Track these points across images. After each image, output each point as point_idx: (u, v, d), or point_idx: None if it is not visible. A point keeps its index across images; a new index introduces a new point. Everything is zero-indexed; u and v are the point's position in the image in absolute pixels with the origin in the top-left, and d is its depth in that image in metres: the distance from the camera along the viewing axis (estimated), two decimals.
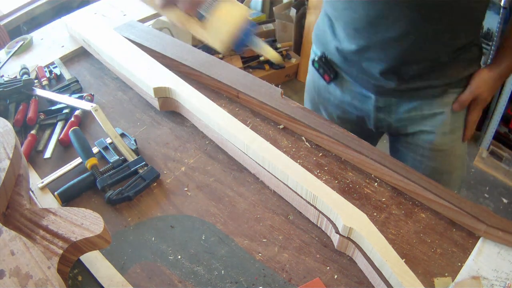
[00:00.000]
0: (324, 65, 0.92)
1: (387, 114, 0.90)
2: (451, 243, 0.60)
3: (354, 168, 0.71)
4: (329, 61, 0.92)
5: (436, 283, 0.55)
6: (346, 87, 0.93)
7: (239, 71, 0.89)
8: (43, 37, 1.07)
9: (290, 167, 0.63)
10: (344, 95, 0.94)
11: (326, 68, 0.92)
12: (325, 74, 0.93)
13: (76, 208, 0.53)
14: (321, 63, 0.93)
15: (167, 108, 0.83)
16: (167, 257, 0.59)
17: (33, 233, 0.51)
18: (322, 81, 0.96)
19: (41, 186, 0.68)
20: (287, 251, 0.60)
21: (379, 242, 0.54)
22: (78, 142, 0.71)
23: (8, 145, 0.57)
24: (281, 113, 0.78)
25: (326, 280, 0.56)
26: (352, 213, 0.57)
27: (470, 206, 0.61)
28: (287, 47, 2.66)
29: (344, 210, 0.57)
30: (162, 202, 0.67)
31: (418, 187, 0.64)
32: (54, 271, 0.46)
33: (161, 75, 0.82)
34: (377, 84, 0.86)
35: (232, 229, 0.63)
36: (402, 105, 0.87)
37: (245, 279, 0.56)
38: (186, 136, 0.78)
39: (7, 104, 0.84)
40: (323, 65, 0.92)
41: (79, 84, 0.89)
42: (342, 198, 0.59)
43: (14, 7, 1.83)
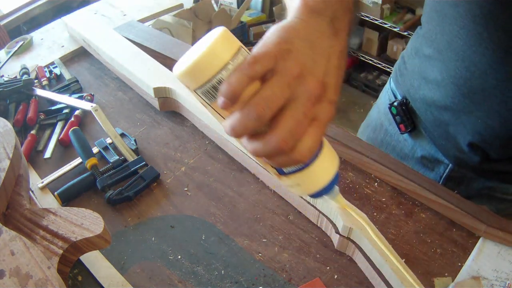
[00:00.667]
0: (403, 113, 0.75)
1: (456, 185, 0.74)
2: (451, 243, 0.60)
3: (354, 168, 0.71)
4: (410, 111, 0.74)
5: (436, 283, 0.55)
6: (420, 144, 0.77)
7: None
8: (43, 37, 1.07)
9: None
10: (415, 151, 0.78)
11: (405, 118, 0.75)
12: (402, 124, 0.76)
13: (76, 208, 0.53)
14: (400, 110, 0.75)
15: (167, 108, 0.83)
16: (167, 257, 0.59)
17: (33, 233, 0.51)
18: (394, 127, 0.79)
19: (41, 186, 0.68)
20: (287, 251, 0.60)
21: (379, 242, 0.54)
22: (78, 142, 0.71)
23: (8, 145, 0.57)
24: None
25: (326, 280, 0.56)
26: (352, 213, 0.57)
27: (470, 206, 0.61)
28: None
29: (344, 210, 0.57)
30: (162, 202, 0.67)
31: (418, 187, 0.64)
32: (54, 271, 0.46)
33: (161, 75, 0.82)
34: (457, 154, 0.71)
35: (232, 229, 0.63)
36: (477, 182, 0.73)
37: (245, 279, 0.56)
38: (186, 136, 0.78)
39: (7, 104, 0.84)
40: (403, 114, 0.75)
41: (79, 84, 0.89)
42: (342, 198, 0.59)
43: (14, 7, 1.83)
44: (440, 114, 0.69)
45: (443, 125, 0.70)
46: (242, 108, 0.36)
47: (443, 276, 0.56)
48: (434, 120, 0.71)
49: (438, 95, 0.67)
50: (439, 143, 0.74)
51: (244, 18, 2.76)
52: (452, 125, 0.68)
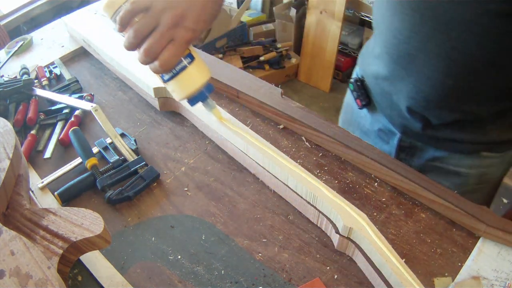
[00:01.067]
0: (359, 89, 0.85)
1: (409, 156, 0.82)
2: (451, 243, 0.60)
3: (354, 168, 0.71)
4: (365, 86, 0.84)
5: (436, 283, 0.55)
6: (376, 118, 0.85)
7: (239, 71, 0.89)
8: (43, 37, 1.07)
9: (290, 167, 0.63)
10: (373, 125, 0.87)
11: (360, 93, 0.85)
12: (358, 99, 0.86)
13: (76, 208, 0.53)
14: (356, 86, 0.85)
15: (167, 108, 0.83)
16: (167, 257, 0.59)
17: (33, 233, 0.51)
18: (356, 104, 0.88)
19: (41, 186, 0.68)
20: (287, 251, 0.60)
21: (379, 242, 0.54)
22: (78, 142, 0.71)
23: (8, 145, 0.57)
24: (281, 113, 0.78)
25: (326, 280, 0.56)
26: (352, 213, 0.57)
27: (470, 206, 0.61)
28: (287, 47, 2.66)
29: (344, 210, 0.57)
30: (162, 202, 0.67)
31: (418, 187, 0.64)
32: (54, 271, 0.46)
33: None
34: (403, 122, 0.78)
35: (232, 229, 0.63)
36: (427, 152, 0.79)
37: (245, 279, 0.56)
38: (186, 136, 0.78)
39: (7, 104, 0.84)
40: (358, 89, 0.85)
41: (79, 84, 0.89)
42: (342, 198, 0.59)
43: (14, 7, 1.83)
44: (383, 85, 0.77)
45: (388, 95, 0.77)
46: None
47: (443, 276, 0.56)
48: (381, 92, 0.80)
49: (380, 67, 0.76)
50: (387, 114, 0.82)
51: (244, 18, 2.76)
52: (393, 93, 0.75)
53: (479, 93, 0.66)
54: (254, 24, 2.79)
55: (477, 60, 0.61)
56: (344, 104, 0.99)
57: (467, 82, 0.64)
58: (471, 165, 0.78)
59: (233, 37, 2.63)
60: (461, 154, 0.77)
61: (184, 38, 0.53)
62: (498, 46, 0.58)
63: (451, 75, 0.64)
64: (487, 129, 0.72)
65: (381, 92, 0.80)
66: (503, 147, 0.76)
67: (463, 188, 0.79)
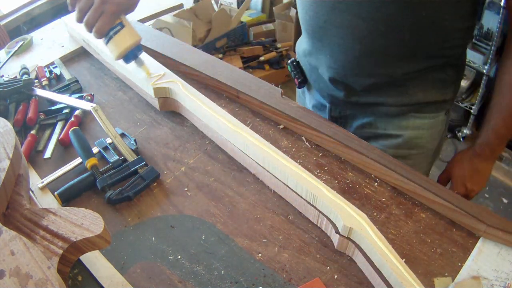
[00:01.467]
0: (294, 68, 0.92)
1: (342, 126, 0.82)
2: (451, 243, 0.60)
3: (354, 168, 0.71)
4: (300, 65, 0.92)
5: (436, 283, 0.55)
6: (311, 94, 0.93)
7: (239, 71, 0.89)
8: (43, 37, 1.07)
9: (290, 167, 0.63)
10: (310, 102, 0.94)
11: (296, 72, 0.92)
12: (295, 78, 0.93)
13: (76, 208, 0.53)
14: (292, 66, 0.92)
15: (167, 108, 0.83)
16: (167, 257, 0.59)
17: (33, 233, 0.51)
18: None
19: (41, 186, 0.68)
20: (287, 251, 0.60)
21: (379, 242, 0.54)
22: (78, 142, 0.71)
23: (8, 145, 0.57)
24: (281, 113, 0.78)
25: (326, 280, 0.56)
26: (352, 213, 0.57)
27: (470, 206, 0.61)
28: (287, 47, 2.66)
29: (344, 210, 0.57)
30: (162, 202, 0.67)
31: (418, 187, 0.64)
32: (54, 271, 0.46)
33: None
34: (329, 92, 0.84)
35: (232, 229, 0.63)
36: (356, 119, 0.84)
37: (245, 279, 0.56)
38: (186, 136, 0.78)
39: (7, 104, 0.84)
40: (294, 69, 0.92)
41: (79, 84, 0.89)
42: (342, 198, 0.59)
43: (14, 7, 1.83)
44: (310, 60, 0.86)
45: (315, 69, 0.85)
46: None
47: (443, 276, 0.56)
48: (310, 68, 0.88)
49: (305, 44, 0.84)
50: (317, 87, 0.89)
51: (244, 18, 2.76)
52: (318, 67, 0.83)
53: (388, 55, 0.72)
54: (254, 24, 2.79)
55: (377, 23, 0.68)
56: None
57: (374, 45, 0.71)
58: (399, 127, 0.82)
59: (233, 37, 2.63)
60: (388, 117, 0.81)
61: (111, 10, 0.70)
62: (394, 8, 0.66)
63: (358, 40, 0.71)
64: (409, 91, 0.77)
65: (310, 68, 0.88)
66: (431, 108, 0.80)
67: (398, 152, 0.83)
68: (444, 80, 0.78)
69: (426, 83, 0.76)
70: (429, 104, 0.79)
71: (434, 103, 0.79)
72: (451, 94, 0.80)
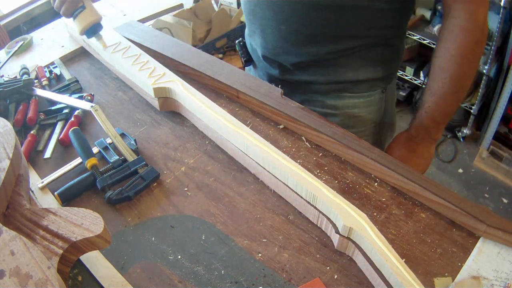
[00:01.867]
0: (241, 48, 0.98)
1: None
2: (451, 243, 0.60)
3: (354, 168, 0.71)
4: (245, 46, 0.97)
5: (436, 283, 0.55)
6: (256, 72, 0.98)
7: (239, 71, 0.89)
8: (43, 37, 1.07)
9: (290, 167, 0.63)
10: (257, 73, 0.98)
11: (242, 51, 0.98)
12: (241, 57, 0.99)
13: (76, 208, 0.53)
14: (239, 46, 0.98)
15: (167, 108, 0.83)
16: (167, 257, 0.59)
17: (33, 233, 0.51)
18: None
19: (41, 186, 0.68)
20: (287, 251, 0.60)
21: (379, 242, 0.54)
22: (78, 142, 0.71)
23: (8, 145, 0.57)
24: (281, 113, 0.78)
25: (326, 280, 0.56)
26: (352, 213, 0.57)
27: (470, 206, 0.61)
28: None
29: (344, 210, 0.57)
30: (162, 202, 0.67)
31: (418, 187, 0.64)
32: (54, 271, 0.46)
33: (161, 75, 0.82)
34: (266, 71, 0.90)
35: (232, 229, 0.63)
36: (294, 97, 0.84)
37: (245, 279, 0.56)
38: (186, 136, 0.78)
39: (7, 104, 0.83)
40: (240, 49, 0.98)
41: (79, 84, 0.89)
42: (342, 198, 0.59)
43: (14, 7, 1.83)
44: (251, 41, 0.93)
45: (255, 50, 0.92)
46: None
47: (443, 276, 0.56)
48: (251, 49, 0.94)
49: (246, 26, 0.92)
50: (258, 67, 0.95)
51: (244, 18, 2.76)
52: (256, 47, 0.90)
53: (312, 35, 0.77)
54: None
55: (297, 5, 0.73)
56: None
57: (297, 26, 0.77)
58: (335, 106, 0.85)
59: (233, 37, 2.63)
60: (323, 95, 0.86)
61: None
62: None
63: (282, 21, 0.77)
64: (338, 69, 0.80)
65: (252, 49, 0.95)
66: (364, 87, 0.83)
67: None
68: (375, 59, 0.80)
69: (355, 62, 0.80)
70: (361, 82, 0.82)
71: (366, 81, 0.82)
72: (384, 73, 0.83)
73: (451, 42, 0.72)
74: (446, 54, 0.73)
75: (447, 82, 0.74)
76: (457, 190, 2.00)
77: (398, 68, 0.89)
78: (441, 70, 0.74)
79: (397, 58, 0.86)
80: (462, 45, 0.71)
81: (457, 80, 0.74)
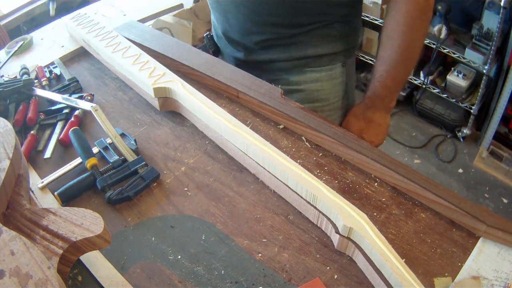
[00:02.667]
0: (209, 40, 1.01)
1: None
2: (451, 243, 0.60)
3: (354, 168, 0.71)
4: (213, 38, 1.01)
5: (436, 283, 0.55)
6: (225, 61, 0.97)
7: (239, 71, 0.88)
8: (43, 37, 1.07)
9: (290, 167, 0.63)
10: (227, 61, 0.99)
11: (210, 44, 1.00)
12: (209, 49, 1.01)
13: (76, 208, 0.53)
14: (207, 39, 1.01)
15: (167, 108, 0.83)
16: (167, 257, 0.59)
17: (33, 233, 0.51)
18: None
19: (41, 186, 0.68)
20: (287, 251, 0.60)
21: (379, 242, 0.54)
22: (78, 142, 0.71)
23: (8, 145, 0.57)
24: (281, 113, 0.78)
25: (326, 280, 0.56)
26: (352, 213, 0.57)
27: (470, 206, 0.61)
28: None
29: (344, 210, 0.57)
30: (162, 202, 0.67)
31: (418, 187, 0.64)
32: (54, 271, 0.46)
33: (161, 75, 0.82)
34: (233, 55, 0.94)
35: (232, 229, 0.63)
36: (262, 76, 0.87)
37: (245, 279, 0.56)
38: (186, 136, 0.78)
39: (7, 104, 0.83)
40: (208, 41, 1.01)
41: (79, 84, 0.89)
42: (342, 198, 0.59)
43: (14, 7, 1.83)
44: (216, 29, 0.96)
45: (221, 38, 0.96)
46: None
47: (443, 276, 0.56)
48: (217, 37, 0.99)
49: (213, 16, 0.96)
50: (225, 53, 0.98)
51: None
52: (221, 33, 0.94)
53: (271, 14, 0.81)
54: None
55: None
56: None
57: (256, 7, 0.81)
58: (299, 82, 0.89)
59: None
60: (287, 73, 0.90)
61: None
62: None
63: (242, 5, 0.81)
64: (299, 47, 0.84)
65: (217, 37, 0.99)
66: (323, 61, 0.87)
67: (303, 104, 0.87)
68: (333, 35, 0.85)
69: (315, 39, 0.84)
70: (320, 57, 0.86)
71: (326, 55, 0.87)
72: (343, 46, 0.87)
73: (397, 11, 0.76)
74: (393, 24, 0.77)
75: (396, 50, 0.78)
76: (457, 190, 2.00)
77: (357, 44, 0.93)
78: (389, 39, 0.78)
79: (354, 34, 0.90)
80: (407, 14, 0.75)
81: (406, 48, 0.78)
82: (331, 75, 0.91)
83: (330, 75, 0.91)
